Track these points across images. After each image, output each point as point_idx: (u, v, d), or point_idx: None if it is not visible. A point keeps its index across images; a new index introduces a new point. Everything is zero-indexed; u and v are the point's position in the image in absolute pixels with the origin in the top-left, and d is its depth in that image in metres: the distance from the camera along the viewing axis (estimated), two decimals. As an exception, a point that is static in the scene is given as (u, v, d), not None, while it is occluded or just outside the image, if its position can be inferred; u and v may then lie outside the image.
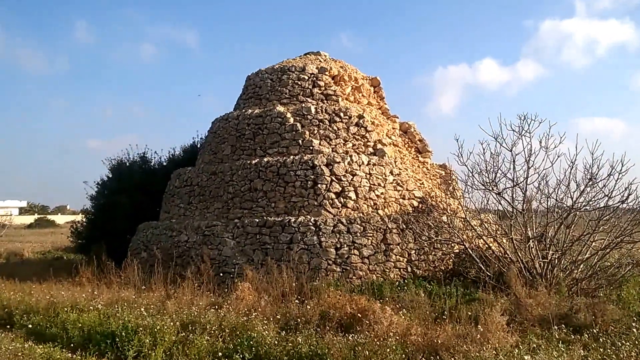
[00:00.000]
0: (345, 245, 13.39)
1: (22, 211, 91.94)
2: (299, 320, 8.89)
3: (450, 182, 16.97)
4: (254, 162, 15.18)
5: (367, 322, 8.53)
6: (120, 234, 17.14)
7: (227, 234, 14.33)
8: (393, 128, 18.16)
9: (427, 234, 14.04)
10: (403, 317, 9.32)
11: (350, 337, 8.09)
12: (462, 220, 13.86)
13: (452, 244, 14.08)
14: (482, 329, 7.88)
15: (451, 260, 14.33)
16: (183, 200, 16.52)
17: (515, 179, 12.88)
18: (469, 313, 9.30)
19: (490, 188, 13.05)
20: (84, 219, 19.56)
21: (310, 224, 13.57)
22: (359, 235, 13.53)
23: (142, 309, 9.68)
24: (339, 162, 14.50)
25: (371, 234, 13.64)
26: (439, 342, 7.81)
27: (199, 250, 14.67)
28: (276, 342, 7.90)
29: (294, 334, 8.37)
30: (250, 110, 16.66)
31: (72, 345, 8.49)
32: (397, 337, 8.10)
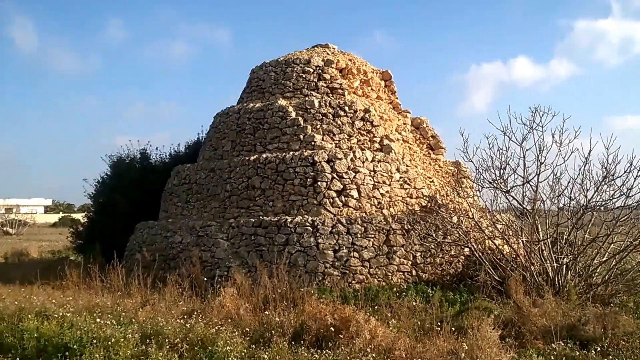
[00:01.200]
0: (344, 247, 12.63)
1: (47, 210, 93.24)
2: (273, 332, 8.15)
3: (463, 180, 16.05)
4: (252, 158, 14.53)
5: (348, 335, 7.75)
6: (119, 234, 16.67)
7: (222, 235, 13.70)
8: (404, 123, 17.31)
9: (434, 235, 13.20)
10: (392, 328, 8.53)
11: (323, 353, 7.32)
12: (473, 220, 12.95)
13: (462, 246, 13.20)
14: (470, 345, 7.02)
15: (461, 263, 13.47)
16: (181, 198, 15.97)
17: (525, 176, 11.95)
18: (466, 323, 8.43)
19: (498, 186, 12.14)
20: (84, 218, 19.20)
21: (308, 224, 12.85)
22: (359, 236, 12.75)
23: (111, 318, 9.07)
24: (340, 159, 13.74)
25: (373, 235, 12.85)
26: (426, 359, 7.02)
27: (192, 252, 14.08)
28: (239, 358, 7.18)
29: (265, 348, 7.64)
30: (251, 104, 16.03)
31: (27, 357, 7.91)
32: (379, 353, 7.31)
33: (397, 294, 11.29)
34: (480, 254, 12.46)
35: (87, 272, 12.98)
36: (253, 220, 13.44)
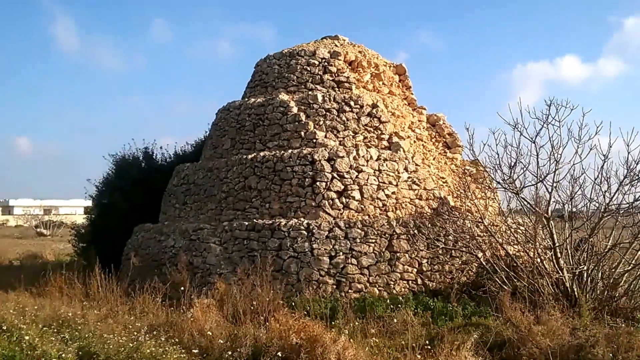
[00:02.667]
0: (341, 253, 11.64)
1: (87, 210, 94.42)
2: (230, 353, 7.23)
3: (482, 180, 14.83)
4: (249, 157, 13.68)
5: (312, 357, 6.76)
6: (119, 237, 16.02)
7: (214, 239, 12.88)
8: (419, 120, 16.20)
9: (443, 240, 12.09)
10: (371, 347, 7.51)
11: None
12: (482, 224, 11.79)
13: (476, 252, 12.05)
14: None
15: (473, 271, 12.31)
16: (179, 200, 15.24)
17: (538, 175, 10.74)
18: (455, 343, 7.34)
19: (507, 186, 10.97)
20: (86, 220, 18.73)
21: (302, 228, 11.91)
22: (358, 241, 11.74)
23: (69, 331, 8.34)
24: (342, 157, 12.76)
25: (374, 240, 11.83)
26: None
27: (184, 256, 13.30)
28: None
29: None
30: (252, 100, 15.19)
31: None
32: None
33: (395, 306, 10.23)
34: (493, 261, 11.31)
35: (77, 277, 12.34)
36: (247, 223, 12.58)
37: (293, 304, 10.16)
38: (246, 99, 15.48)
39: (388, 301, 10.47)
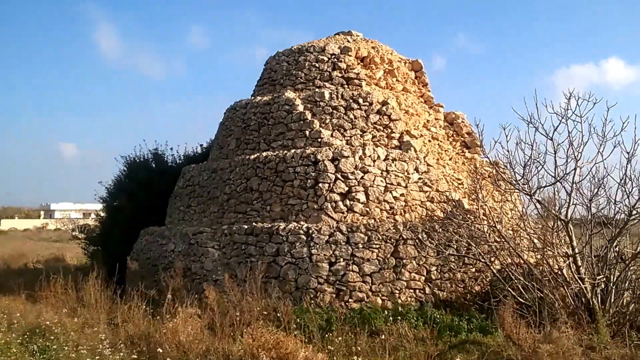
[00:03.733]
0: (341, 259, 10.78)
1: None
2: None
3: (500, 182, 13.73)
4: (252, 157, 12.95)
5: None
6: (127, 240, 15.50)
7: (213, 244, 12.18)
8: (436, 119, 15.18)
9: (455, 246, 11.10)
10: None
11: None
12: (494, 228, 10.77)
13: (490, 259, 11.04)
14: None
15: (488, 279, 11.27)
16: (184, 202, 14.61)
17: (556, 175, 9.68)
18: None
19: (520, 187, 9.94)
20: (97, 223, 18.30)
21: (301, 232, 11.10)
22: (360, 246, 10.86)
23: (44, 341, 7.75)
24: (347, 157, 11.90)
25: (377, 246, 10.93)
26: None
27: (183, 261, 12.65)
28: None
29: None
30: (259, 98, 14.47)
31: None
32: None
33: (396, 318, 9.33)
34: (508, 270, 10.30)
35: (79, 282, 11.85)
36: (246, 227, 11.83)
37: (295, 311, 9.36)
38: (252, 98, 14.76)
39: (388, 312, 9.55)
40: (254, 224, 11.83)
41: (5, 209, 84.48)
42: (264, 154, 12.84)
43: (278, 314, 8.99)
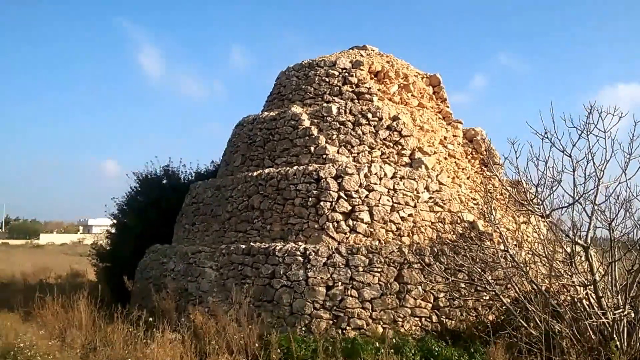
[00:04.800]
0: (339, 283, 9.99)
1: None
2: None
3: (524, 202, 12.73)
4: (254, 174, 12.33)
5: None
6: (136, 257, 14.99)
7: (211, 263, 11.55)
8: (454, 135, 14.32)
9: (467, 271, 10.17)
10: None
11: None
12: (505, 252, 9.83)
13: (508, 286, 10.09)
14: None
15: (504, 308, 10.28)
16: (189, 219, 14.06)
17: (575, 195, 8.71)
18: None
19: (532, 208, 8.99)
20: (106, 239, 17.93)
21: (298, 253, 10.37)
22: (361, 270, 10.05)
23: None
24: (351, 174, 11.15)
25: (380, 269, 10.11)
26: None
27: (181, 281, 12.06)
28: None
29: None
30: (266, 113, 13.90)
31: None
32: None
33: (389, 350, 8.46)
34: (525, 298, 9.32)
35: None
36: (243, 246, 11.18)
37: (265, 342, 8.60)
38: (260, 113, 14.19)
39: (382, 344, 8.68)
40: (251, 243, 11.17)
41: (46, 224, 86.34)
42: (267, 170, 12.22)
43: (256, 344, 8.25)
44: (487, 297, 10.42)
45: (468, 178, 13.35)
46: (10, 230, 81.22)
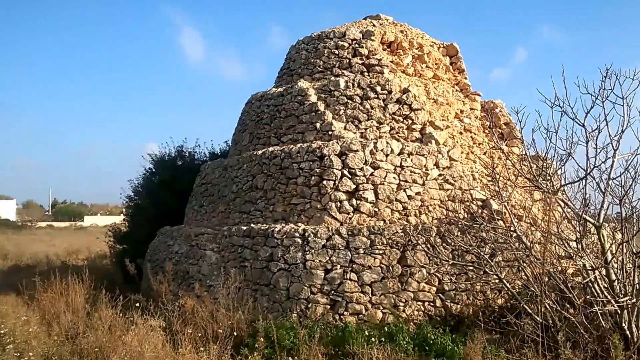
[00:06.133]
0: (338, 266, 9.57)
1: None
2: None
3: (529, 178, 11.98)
4: (258, 153, 11.97)
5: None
6: (147, 240, 14.94)
7: (213, 246, 11.32)
8: (471, 108, 13.60)
9: (476, 252, 9.59)
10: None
11: None
12: (514, 232, 9.22)
13: (520, 268, 9.48)
14: None
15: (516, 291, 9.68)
16: (198, 201, 13.86)
17: (587, 168, 8.03)
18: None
19: (539, 183, 8.34)
20: (123, 222, 17.95)
21: (297, 235, 9.98)
22: (361, 252, 9.60)
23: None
24: (356, 151, 10.65)
25: (381, 251, 9.63)
26: None
27: (184, 264, 11.89)
28: None
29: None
30: (273, 90, 13.48)
31: None
32: None
33: (379, 338, 8.04)
34: (530, 282, 8.73)
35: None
36: (244, 228, 10.88)
37: (253, 329, 8.28)
38: (268, 90, 13.77)
39: (373, 331, 8.25)
40: (251, 225, 10.86)
41: (92, 206, 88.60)
42: (270, 149, 11.84)
43: (252, 329, 7.97)
44: (497, 280, 9.83)
45: (484, 153, 12.65)
46: (56, 213, 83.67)
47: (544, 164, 8.47)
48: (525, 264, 9.06)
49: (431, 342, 7.80)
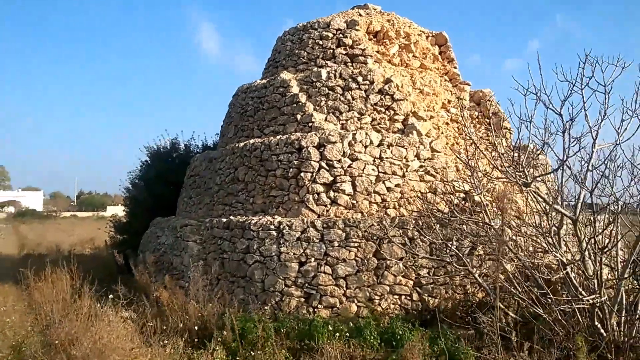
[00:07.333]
0: (312, 259, 9.11)
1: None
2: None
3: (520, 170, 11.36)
4: (240, 145, 11.52)
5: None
6: (143, 232, 14.61)
7: (195, 237, 10.92)
8: (460, 98, 12.98)
9: (455, 245, 9.05)
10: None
11: None
12: (487, 226, 8.66)
13: (506, 261, 8.91)
14: None
15: (491, 286, 9.12)
16: (187, 193, 13.47)
17: (565, 154, 7.46)
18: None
19: (510, 175, 7.79)
20: (124, 213, 17.67)
21: (272, 227, 9.52)
22: (336, 245, 9.12)
23: None
24: (334, 143, 10.15)
25: (356, 244, 9.14)
26: None
27: (169, 255, 11.52)
28: None
29: None
30: (258, 81, 13.00)
31: None
32: None
33: (342, 333, 7.57)
34: (511, 276, 8.20)
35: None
36: (224, 220, 10.46)
37: (222, 323, 7.85)
38: (253, 82, 13.27)
39: (336, 325, 7.78)
40: (231, 217, 10.43)
41: (115, 197, 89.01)
42: (252, 141, 11.38)
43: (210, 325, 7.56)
44: (478, 274, 9.28)
45: (471, 145, 12.03)
46: (80, 204, 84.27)
47: (518, 155, 7.88)
48: (504, 259, 8.51)
49: (399, 337, 7.30)
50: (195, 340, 7.70)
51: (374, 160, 10.16)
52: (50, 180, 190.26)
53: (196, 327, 7.90)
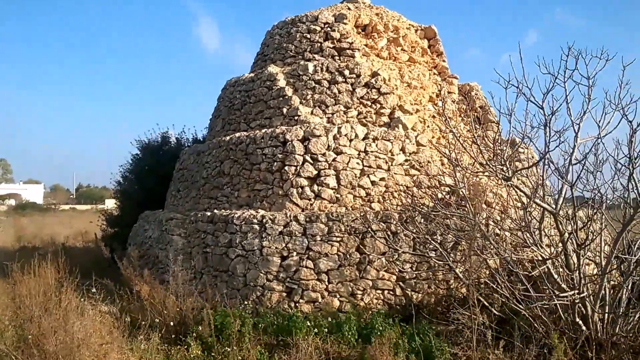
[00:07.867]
0: (294, 253, 8.91)
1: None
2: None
3: (517, 164, 11.14)
4: (226, 139, 11.30)
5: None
6: (132, 225, 14.40)
7: (180, 231, 10.71)
8: (449, 92, 12.74)
9: (439, 240, 8.85)
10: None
11: None
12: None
13: (488, 256, 8.69)
14: None
15: (476, 282, 8.91)
16: (176, 186, 13.25)
17: (545, 151, 7.24)
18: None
19: (491, 169, 7.58)
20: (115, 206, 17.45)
21: (255, 221, 9.32)
22: (318, 239, 8.92)
23: None
24: (318, 136, 9.93)
25: (339, 238, 8.93)
26: None
27: (155, 249, 11.32)
28: None
29: None
30: (245, 75, 12.76)
31: None
32: None
33: (321, 329, 7.37)
34: (495, 272, 7.99)
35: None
36: (208, 214, 10.25)
37: (201, 318, 7.65)
38: (242, 75, 13.03)
39: (317, 320, 7.59)
40: (215, 211, 10.22)
41: (114, 190, 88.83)
42: (237, 134, 11.16)
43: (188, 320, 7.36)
44: (463, 269, 9.07)
45: (453, 138, 11.80)
46: (79, 197, 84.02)
47: (500, 148, 7.66)
48: (486, 254, 8.30)
49: (378, 333, 7.10)
50: (173, 335, 7.51)
51: (358, 154, 9.95)
52: (50, 174, 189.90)
53: (172, 323, 7.70)
